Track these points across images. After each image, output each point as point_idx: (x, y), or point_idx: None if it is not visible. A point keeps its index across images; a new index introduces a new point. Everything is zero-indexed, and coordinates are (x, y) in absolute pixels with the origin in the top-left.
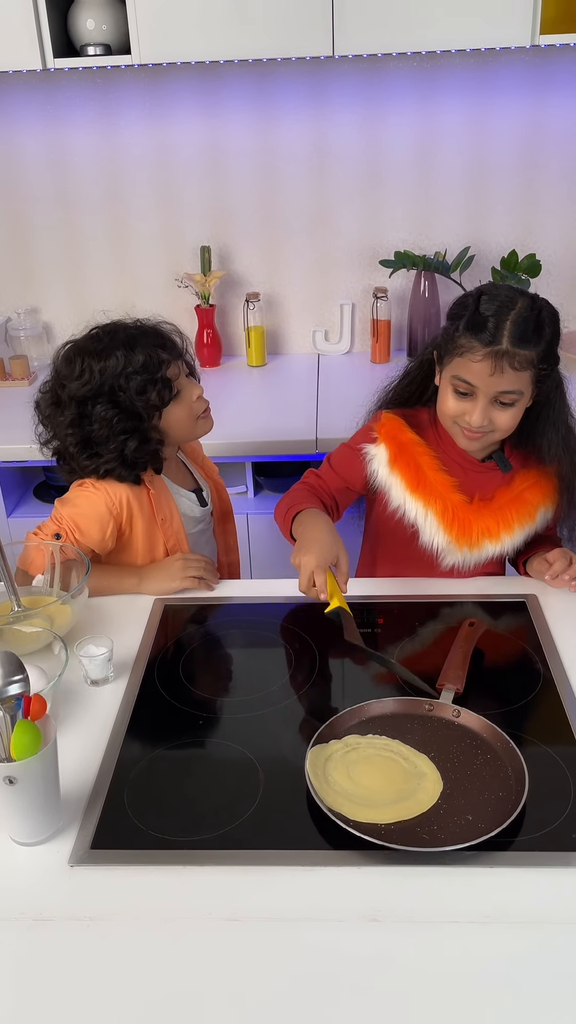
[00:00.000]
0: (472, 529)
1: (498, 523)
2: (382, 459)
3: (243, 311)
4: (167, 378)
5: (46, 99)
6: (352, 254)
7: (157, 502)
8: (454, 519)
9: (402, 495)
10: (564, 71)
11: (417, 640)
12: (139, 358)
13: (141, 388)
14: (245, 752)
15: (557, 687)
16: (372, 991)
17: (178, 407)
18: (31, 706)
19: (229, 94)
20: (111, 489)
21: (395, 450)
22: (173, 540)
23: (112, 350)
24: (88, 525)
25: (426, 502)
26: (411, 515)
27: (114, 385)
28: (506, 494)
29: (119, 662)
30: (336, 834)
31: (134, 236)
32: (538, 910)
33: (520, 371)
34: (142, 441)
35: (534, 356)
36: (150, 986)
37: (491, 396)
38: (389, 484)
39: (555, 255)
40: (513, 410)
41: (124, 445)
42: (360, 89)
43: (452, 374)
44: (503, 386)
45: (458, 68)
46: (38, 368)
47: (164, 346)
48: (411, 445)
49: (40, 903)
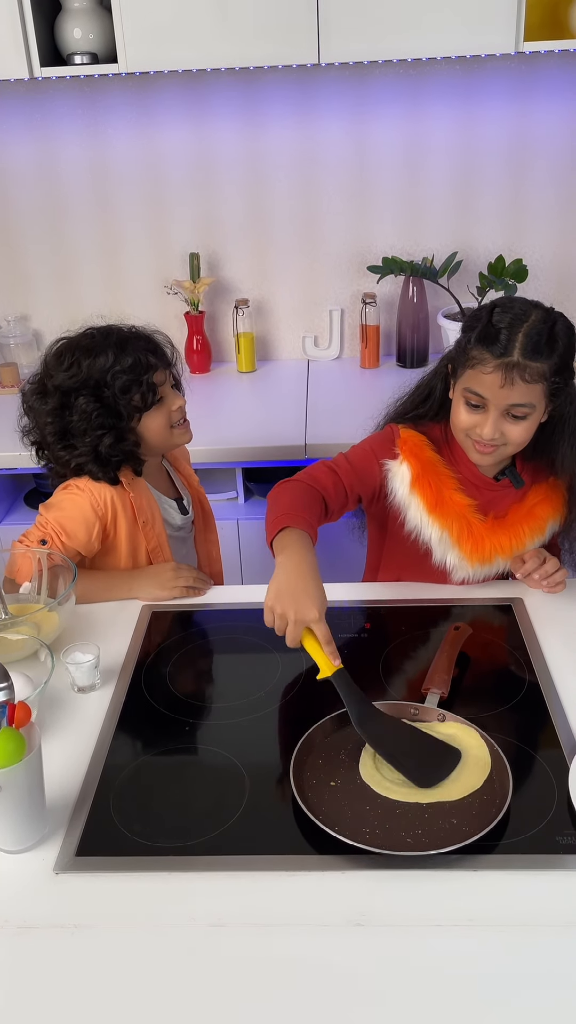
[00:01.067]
0: (485, 546)
1: (511, 540)
2: (404, 478)
3: (232, 317)
4: (153, 383)
5: (33, 108)
6: (340, 260)
7: (138, 504)
8: (469, 537)
9: (420, 515)
10: (548, 77)
11: (403, 644)
12: (128, 359)
13: (126, 388)
14: (231, 758)
15: (542, 691)
16: (357, 995)
17: (158, 414)
18: (16, 713)
19: (216, 102)
20: (95, 489)
21: (417, 470)
22: (155, 543)
23: (104, 348)
24: (74, 527)
25: (443, 523)
26: (426, 535)
27: (100, 380)
28: (519, 510)
29: (106, 669)
30: (321, 839)
31: (123, 243)
32: (522, 913)
33: (531, 383)
34: (117, 439)
35: (546, 369)
36: (135, 993)
37: (502, 409)
38: (408, 503)
39: (542, 260)
40: (525, 423)
41: (99, 440)
42: (347, 96)
43: (464, 386)
44: (514, 399)
45: (444, 75)
46: (27, 375)
47: (154, 352)
48: (432, 465)
49: (25, 911)
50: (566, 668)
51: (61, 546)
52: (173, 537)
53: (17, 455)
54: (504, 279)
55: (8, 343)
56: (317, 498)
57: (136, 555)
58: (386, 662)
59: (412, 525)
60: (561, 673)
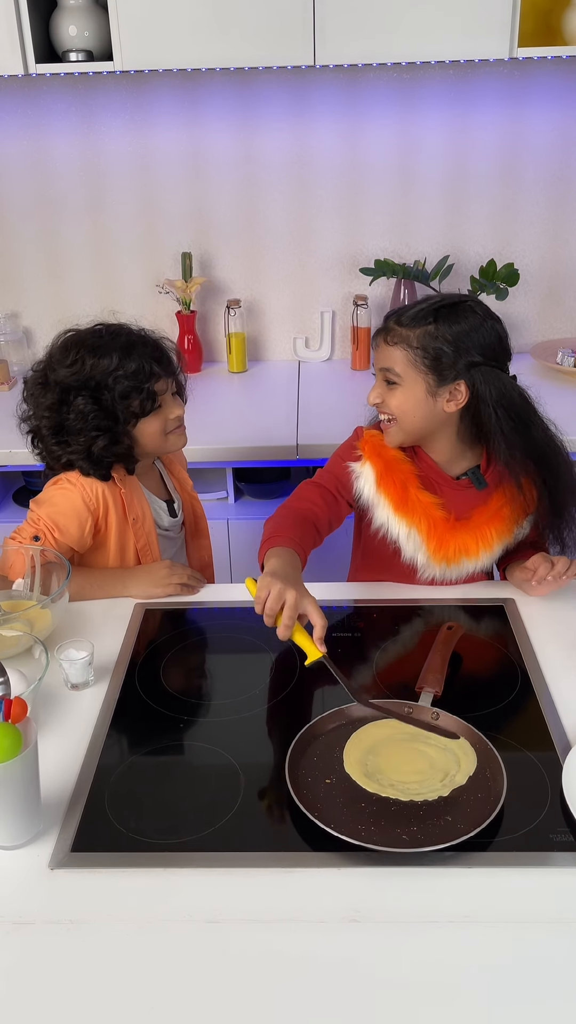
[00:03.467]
0: (449, 546)
1: (476, 541)
2: (369, 478)
3: (224, 317)
4: (153, 391)
5: (27, 104)
6: (332, 262)
7: (129, 501)
8: (434, 537)
9: (386, 514)
10: (541, 83)
11: (396, 644)
12: (132, 365)
13: (125, 393)
14: (226, 755)
15: (535, 690)
16: (353, 991)
17: (155, 420)
18: (12, 709)
19: (211, 101)
20: (87, 484)
21: (381, 468)
22: (144, 540)
23: (109, 349)
24: (67, 522)
25: (409, 521)
26: (394, 533)
27: (101, 382)
28: (484, 512)
29: (99, 666)
30: (316, 836)
31: (115, 242)
32: (516, 909)
33: (392, 346)
34: (112, 442)
35: (411, 336)
36: (131, 989)
37: (380, 374)
38: (375, 503)
39: (532, 265)
40: (398, 392)
41: (93, 441)
42: (341, 98)
43: None
44: (381, 362)
45: (438, 79)
46: (18, 373)
47: (159, 360)
48: (395, 463)
49: (20, 906)
50: (558, 668)
51: (54, 542)
52: (162, 536)
53: (7, 452)
54: (495, 283)
55: None
56: (303, 518)
57: (125, 552)
58: (379, 661)
59: (379, 523)
60: (553, 673)
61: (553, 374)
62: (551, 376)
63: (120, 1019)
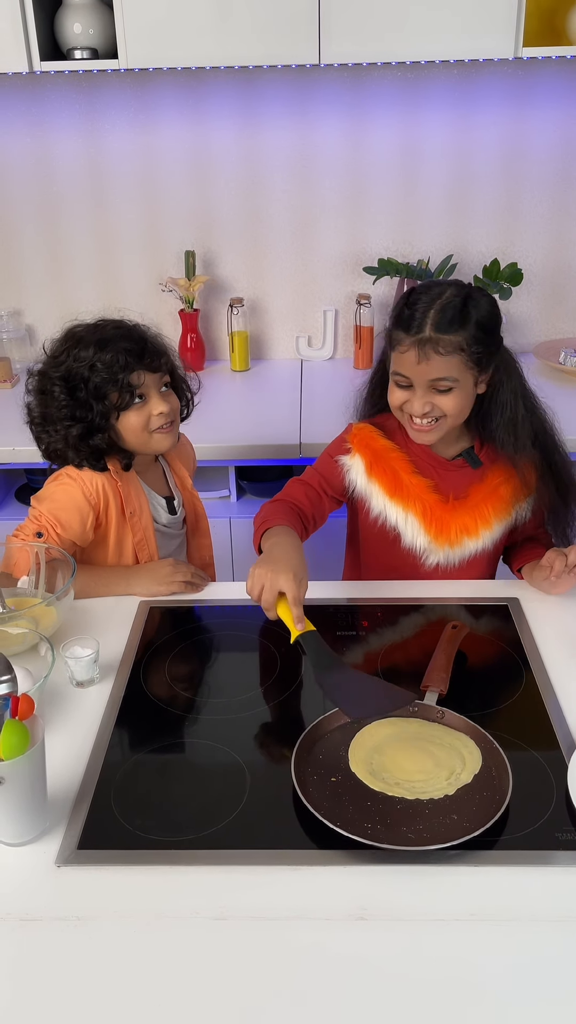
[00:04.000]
0: (450, 527)
1: (476, 520)
2: (359, 468)
3: (227, 316)
4: (129, 383)
5: (31, 102)
6: (335, 261)
7: (127, 495)
8: (432, 519)
9: (382, 501)
10: (546, 83)
11: (400, 643)
12: (107, 356)
13: (100, 385)
14: (231, 753)
15: (539, 689)
16: (359, 989)
17: (136, 415)
18: (19, 706)
19: (215, 100)
20: (87, 478)
21: (370, 458)
22: (140, 535)
23: (88, 342)
24: (68, 517)
25: (405, 506)
26: (392, 519)
27: (77, 373)
28: (480, 491)
29: (105, 663)
30: (322, 834)
31: (118, 240)
32: (522, 908)
33: (448, 356)
34: (86, 433)
35: (461, 340)
36: (138, 985)
37: (425, 384)
38: (369, 492)
39: (536, 264)
40: (453, 395)
41: (67, 431)
42: (345, 97)
43: (392, 369)
44: (433, 373)
45: (442, 78)
46: (20, 370)
47: (139, 353)
48: (385, 451)
49: (27, 903)
50: (563, 667)
51: (57, 538)
52: (160, 532)
53: (10, 450)
54: (499, 282)
55: (1, 338)
56: (292, 510)
57: (122, 547)
58: (384, 660)
59: (376, 512)
60: (558, 672)
61: (556, 374)
62: (554, 376)
63: (127, 1015)
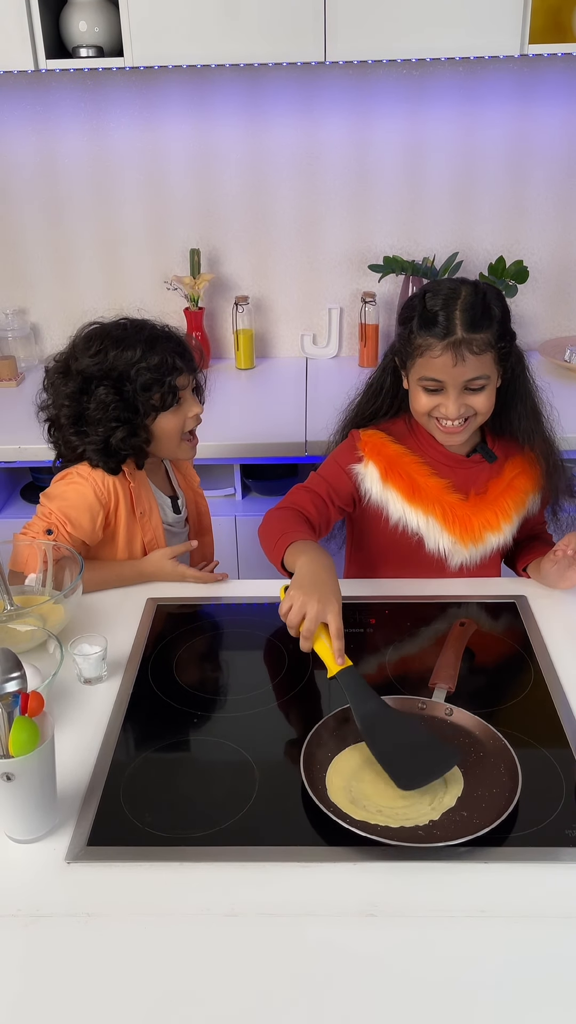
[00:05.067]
0: (473, 525)
1: (497, 515)
2: (374, 476)
3: (232, 314)
4: (175, 385)
5: (36, 100)
6: (341, 259)
7: (137, 495)
8: (455, 519)
9: (401, 507)
10: (551, 81)
11: (408, 640)
12: (155, 358)
13: (147, 385)
14: (240, 750)
15: (547, 686)
16: (370, 985)
17: (173, 417)
18: (29, 703)
19: (220, 98)
20: (98, 478)
21: (384, 465)
22: (151, 535)
23: (133, 342)
24: (78, 516)
25: (426, 509)
26: (413, 524)
27: (124, 373)
28: (499, 484)
29: (113, 661)
30: (332, 831)
31: (123, 238)
32: (532, 905)
33: (481, 355)
34: (130, 434)
35: (490, 337)
36: (148, 982)
37: (460, 386)
38: (385, 499)
39: (541, 262)
40: (485, 392)
41: (112, 432)
42: (350, 95)
43: (418, 376)
44: (468, 374)
45: (447, 76)
46: (26, 369)
47: (182, 355)
48: (398, 456)
49: (37, 900)
50: (571, 664)
51: (67, 536)
52: (167, 532)
53: (16, 448)
54: (505, 280)
55: (6, 336)
56: (302, 518)
57: (132, 546)
58: (392, 658)
59: (396, 518)
60: (566, 669)
61: (561, 371)
62: (559, 373)
63: (136, 1011)
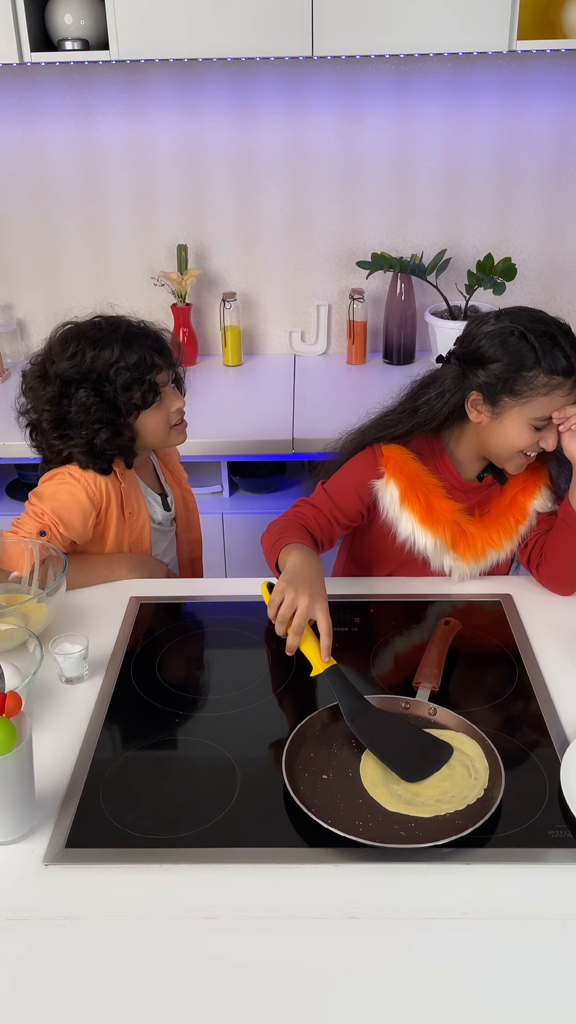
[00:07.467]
0: (478, 545)
1: (500, 533)
2: (394, 495)
3: (219, 310)
4: (155, 382)
5: (22, 93)
6: (329, 255)
7: (127, 495)
8: (461, 540)
9: (411, 526)
10: (540, 77)
11: (393, 639)
12: (133, 356)
13: (127, 385)
14: (221, 751)
15: (532, 686)
16: (351, 987)
17: (156, 413)
18: (6, 703)
19: (208, 92)
20: (89, 478)
21: (405, 485)
22: (137, 534)
23: (110, 341)
24: (71, 516)
25: (435, 531)
26: (421, 546)
27: (102, 374)
28: (501, 502)
29: (94, 660)
30: (313, 832)
31: (110, 233)
32: (514, 905)
33: None
34: (113, 434)
35: None
36: (126, 985)
37: None
38: (400, 518)
39: (530, 259)
40: None
41: (96, 434)
42: (338, 90)
43: (534, 415)
44: None
45: (436, 72)
46: (12, 365)
47: (160, 352)
48: (418, 476)
49: (14, 902)
50: (555, 663)
51: (59, 537)
52: (154, 530)
53: (2, 444)
54: (493, 277)
55: None
56: (304, 530)
57: (120, 546)
58: (376, 656)
59: (404, 536)
60: (550, 668)
61: None
62: None
63: (116, 1015)
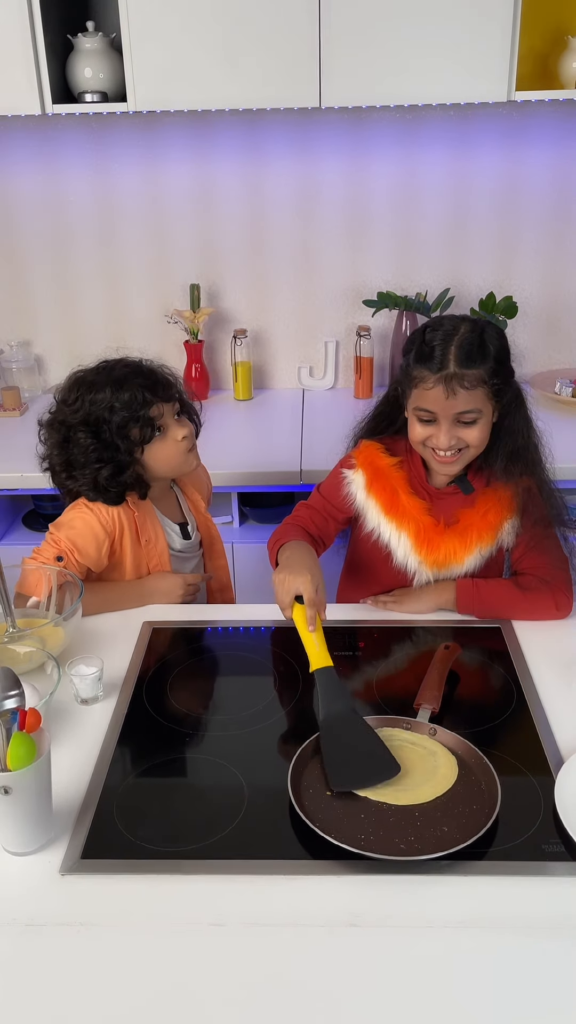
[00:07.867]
0: (439, 550)
1: (464, 545)
2: (360, 483)
3: (231, 347)
4: (150, 417)
5: (44, 141)
6: (336, 294)
7: (142, 524)
8: (426, 541)
9: (377, 517)
10: (538, 125)
11: (395, 662)
12: (125, 395)
13: (123, 424)
14: (230, 768)
15: (529, 708)
16: (352, 993)
17: (162, 444)
18: (27, 719)
19: (220, 140)
20: (101, 508)
21: (371, 474)
22: (156, 560)
23: (103, 384)
24: (85, 544)
25: (399, 524)
26: (385, 537)
27: (100, 417)
28: (470, 516)
29: (109, 681)
30: (317, 845)
31: (126, 273)
32: (510, 916)
33: (472, 389)
34: (116, 471)
35: (483, 373)
36: (138, 989)
37: (451, 418)
38: (366, 507)
39: (531, 298)
40: (478, 426)
41: (97, 473)
42: (345, 138)
43: (414, 405)
44: (459, 407)
45: (438, 120)
46: (29, 399)
47: (153, 387)
48: (387, 469)
49: (32, 910)
50: (552, 687)
51: (76, 563)
52: (175, 557)
53: (19, 476)
54: (495, 315)
55: (11, 367)
56: (302, 530)
57: (140, 573)
58: (380, 679)
59: (370, 527)
60: (547, 692)
61: (552, 404)
62: (550, 406)
63: (128, 1018)
